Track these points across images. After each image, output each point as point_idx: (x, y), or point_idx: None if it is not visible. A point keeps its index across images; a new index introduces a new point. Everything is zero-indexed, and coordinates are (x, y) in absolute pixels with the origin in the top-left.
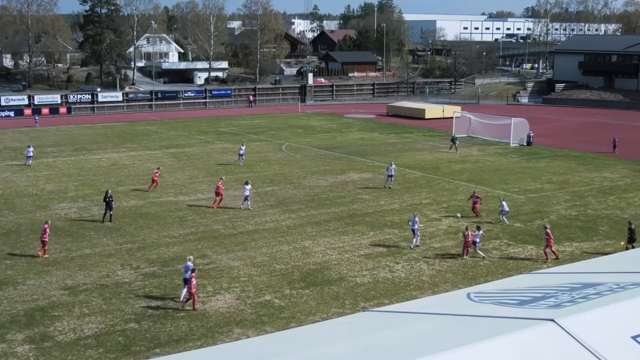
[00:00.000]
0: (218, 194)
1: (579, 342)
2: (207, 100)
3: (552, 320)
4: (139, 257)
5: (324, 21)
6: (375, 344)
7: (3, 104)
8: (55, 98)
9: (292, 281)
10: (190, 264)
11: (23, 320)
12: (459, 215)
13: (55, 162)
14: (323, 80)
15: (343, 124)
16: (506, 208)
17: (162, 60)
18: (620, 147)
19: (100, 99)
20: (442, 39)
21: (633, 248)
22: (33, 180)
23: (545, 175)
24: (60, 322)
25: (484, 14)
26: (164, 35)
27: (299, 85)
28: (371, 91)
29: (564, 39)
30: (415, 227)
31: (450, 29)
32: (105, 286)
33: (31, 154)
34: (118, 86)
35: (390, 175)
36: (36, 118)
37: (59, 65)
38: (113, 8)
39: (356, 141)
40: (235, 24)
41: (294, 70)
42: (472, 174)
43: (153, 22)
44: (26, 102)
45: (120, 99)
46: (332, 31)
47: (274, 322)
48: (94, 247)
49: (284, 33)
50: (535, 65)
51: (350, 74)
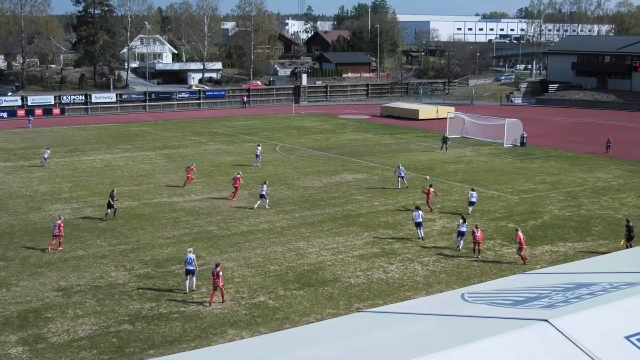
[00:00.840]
0: (235, 187)
1: (573, 343)
2: (201, 101)
3: (546, 320)
4: (132, 259)
5: (318, 22)
6: (370, 345)
7: None
8: (48, 99)
9: (286, 282)
10: (191, 255)
11: (16, 321)
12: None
13: (48, 163)
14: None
15: (337, 124)
16: (473, 199)
17: (156, 61)
18: (614, 148)
19: (93, 100)
20: (436, 39)
21: (631, 246)
22: (26, 181)
23: (539, 176)
24: (54, 324)
25: (477, 14)
26: (158, 36)
27: (293, 86)
28: (365, 92)
29: (557, 39)
30: (419, 220)
31: (444, 29)
32: (98, 287)
33: (47, 156)
34: (112, 87)
35: (402, 177)
36: (30, 119)
37: (52, 66)
38: (106, 9)
39: (350, 142)
40: (229, 25)
41: (288, 71)
42: (466, 175)
43: (147, 23)
44: (19, 103)
45: (113, 100)
46: (326, 32)
47: (268, 323)
48: (87, 249)
49: (277, 34)
50: (529, 66)
51: (344, 75)
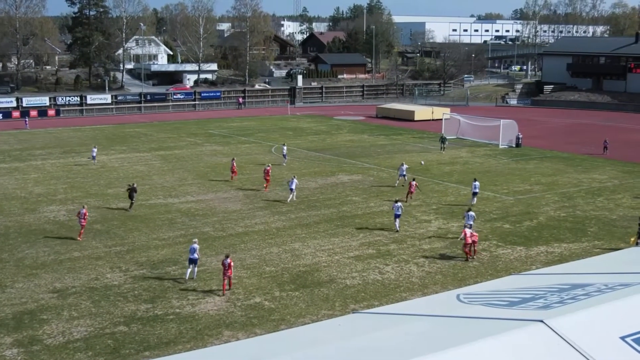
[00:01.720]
0: (266, 179)
1: (568, 343)
2: (197, 102)
3: (542, 321)
4: (128, 260)
5: (314, 23)
6: (365, 346)
7: None
8: (43, 100)
9: (282, 283)
10: (196, 245)
11: (11, 323)
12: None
13: (44, 165)
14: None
15: (332, 125)
16: (476, 190)
17: (151, 62)
18: (609, 149)
19: (89, 102)
20: (431, 40)
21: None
22: (21, 182)
23: (534, 177)
24: (49, 326)
25: (472, 16)
26: (153, 37)
27: (288, 87)
28: (360, 93)
29: (553, 40)
30: (399, 213)
31: (439, 30)
32: (94, 289)
33: (95, 154)
34: (107, 88)
35: (403, 175)
36: (26, 120)
37: (47, 67)
38: (102, 10)
39: (346, 143)
40: (224, 26)
41: (283, 72)
42: (462, 176)
43: (142, 24)
44: (14, 105)
45: (109, 101)
46: (322, 33)
47: (264, 325)
48: (83, 250)
49: (273, 35)
50: (524, 67)
51: (339, 76)
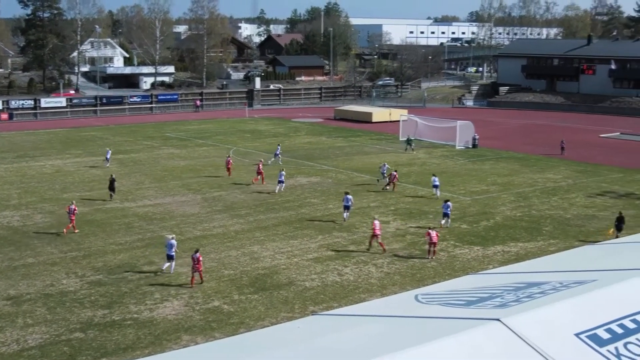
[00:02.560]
0: (259, 173)
1: (524, 341)
2: (154, 105)
3: (498, 319)
4: (84, 265)
5: (271, 25)
6: (324, 348)
7: None
8: None
9: (241, 286)
10: (173, 241)
11: None
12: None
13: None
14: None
15: (291, 128)
16: (436, 183)
17: (107, 65)
18: (566, 149)
19: (43, 105)
20: (389, 42)
21: (618, 237)
22: None
23: (491, 177)
24: (3, 333)
25: (429, 18)
26: (109, 39)
27: (246, 90)
28: (318, 95)
29: (507, 42)
30: (348, 204)
31: (397, 33)
32: (49, 295)
33: (109, 156)
34: (62, 91)
35: (384, 174)
36: None
37: (0, 70)
38: (56, 12)
39: (304, 145)
40: (181, 28)
41: (241, 75)
42: (419, 177)
43: (97, 27)
44: None
45: (64, 104)
46: (279, 35)
47: (223, 328)
48: (37, 256)
49: (230, 37)
50: (480, 69)
51: (297, 78)
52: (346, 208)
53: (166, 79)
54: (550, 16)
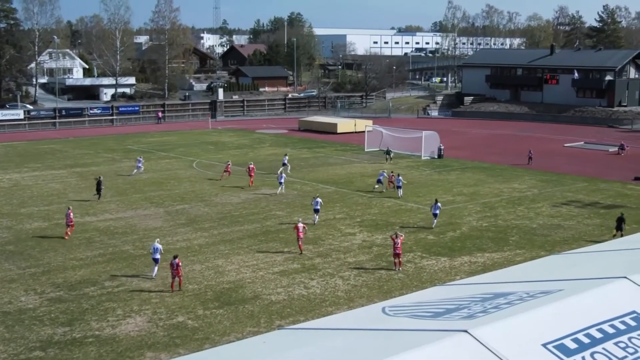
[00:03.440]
0: (250, 175)
1: (492, 352)
2: (114, 117)
3: (465, 331)
4: (43, 282)
5: (234, 36)
6: None
7: None
8: None
9: (206, 301)
10: (158, 245)
11: None
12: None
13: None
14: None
15: (255, 139)
16: (399, 183)
17: (66, 77)
18: (532, 159)
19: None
20: (353, 53)
21: (622, 236)
22: None
23: (457, 187)
24: None
25: (393, 28)
26: (68, 50)
27: (209, 101)
28: (282, 106)
29: (471, 52)
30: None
31: (361, 43)
32: (7, 313)
33: (141, 164)
34: (19, 104)
35: (379, 180)
36: None
37: None
38: (12, 22)
39: (268, 157)
40: (142, 39)
41: (203, 86)
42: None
43: (55, 37)
44: None
45: (21, 117)
46: (242, 46)
47: (188, 344)
48: None
49: (192, 48)
50: (444, 79)
51: (261, 89)
52: (316, 211)
53: (127, 90)
54: (513, 26)
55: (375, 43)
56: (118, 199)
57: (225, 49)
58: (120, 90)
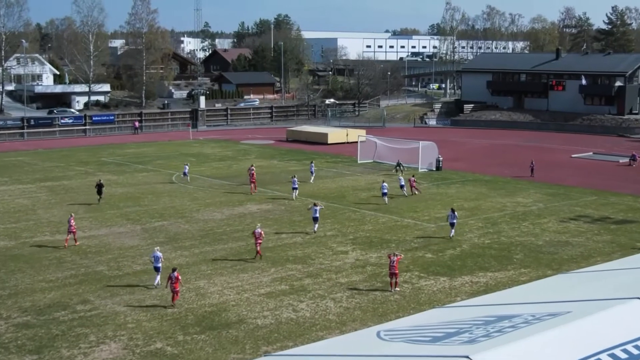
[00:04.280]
0: (252, 181)
1: None
2: (87, 127)
3: (467, 357)
4: (9, 306)
5: (217, 39)
6: None
7: None
8: None
9: (186, 326)
10: (159, 253)
11: None
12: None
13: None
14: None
15: (239, 151)
16: (384, 190)
17: (35, 83)
18: (535, 170)
19: None
20: (344, 57)
21: None
22: None
23: (457, 202)
24: None
25: (387, 31)
26: (37, 55)
27: (189, 110)
28: (269, 115)
29: (472, 57)
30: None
31: (353, 47)
32: None
33: (187, 170)
34: None
35: (402, 185)
36: None
37: None
38: None
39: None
40: (117, 43)
41: (184, 93)
42: (380, 202)
43: (24, 41)
44: None
45: None
46: (226, 50)
47: None
48: None
49: (172, 52)
50: (443, 85)
51: (246, 97)
52: (315, 220)
53: (101, 98)
54: (516, 29)
55: (368, 47)
56: (91, 215)
57: (207, 54)
58: (93, 98)
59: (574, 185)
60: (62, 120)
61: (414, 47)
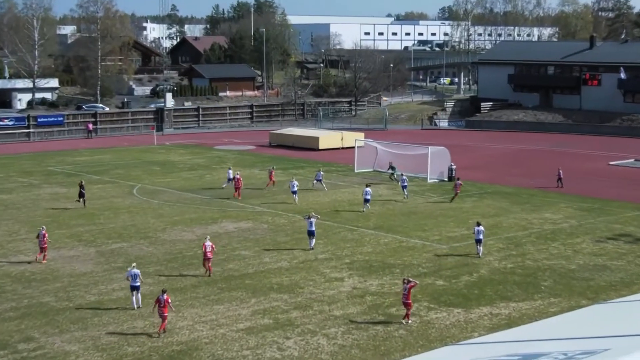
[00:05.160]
0: (237, 187)
1: None
2: (31, 130)
3: None
4: None
5: (186, 25)
6: None
7: None
8: None
9: None
10: (136, 270)
11: None
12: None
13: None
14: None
15: (213, 158)
16: (367, 196)
17: None
18: (564, 180)
19: None
20: (338, 47)
21: None
22: None
23: (472, 218)
24: None
25: (390, 15)
26: None
27: (154, 109)
28: (249, 115)
29: (490, 46)
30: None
31: (348, 34)
32: None
33: (231, 176)
34: None
35: (404, 186)
36: None
37: None
38: None
39: (231, 181)
40: (67, 30)
41: (147, 90)
42: (381, 219)
43: None
44: None
45: None
46: (197, 38)
47: None
48: None
49: (133, 41)
50: (456, 80)
51: (221, 94)
52: (310, 234)
53: (48, 95)
54: (542, 12)
55: (367, 34)
56: (35, 235)
57: (174, 43)
58: (39, 95)
59: (612, 199)
60: (0, 123)
61: (421, 35)
